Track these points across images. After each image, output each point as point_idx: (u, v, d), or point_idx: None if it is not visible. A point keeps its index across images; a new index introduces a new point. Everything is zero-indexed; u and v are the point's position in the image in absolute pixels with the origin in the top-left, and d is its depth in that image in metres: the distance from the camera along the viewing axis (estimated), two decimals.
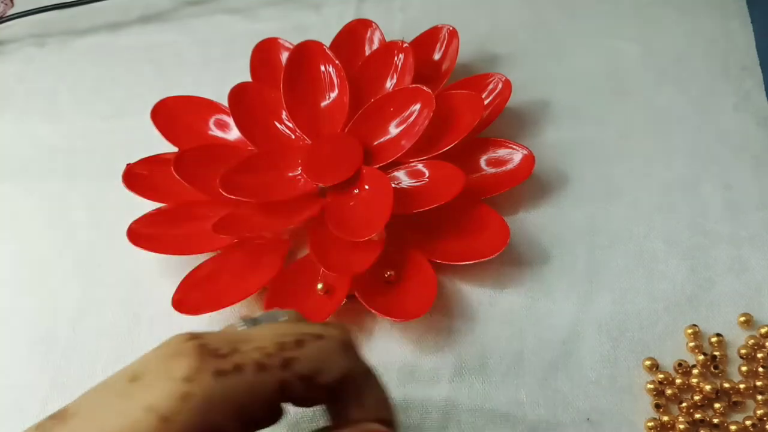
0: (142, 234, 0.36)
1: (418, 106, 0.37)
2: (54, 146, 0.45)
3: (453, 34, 0.42)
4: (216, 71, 0.47)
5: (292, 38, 0.43)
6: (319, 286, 0.33)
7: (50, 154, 0.44)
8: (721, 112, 0.39)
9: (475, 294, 0.34)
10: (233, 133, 0.40)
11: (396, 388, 0.32)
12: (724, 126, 0.39)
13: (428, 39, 0.42)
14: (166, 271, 0.36)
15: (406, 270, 0.34)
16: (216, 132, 0.41)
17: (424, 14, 0.48)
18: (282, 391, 0.20)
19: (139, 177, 0.38)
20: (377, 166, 0.37)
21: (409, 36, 0.42)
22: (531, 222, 0.36)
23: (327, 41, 0.42)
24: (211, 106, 0.41)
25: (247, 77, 0.42)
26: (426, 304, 0.32)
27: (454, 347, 0.33)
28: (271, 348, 0.20)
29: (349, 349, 0.22)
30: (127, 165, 0.38)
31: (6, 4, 0.53)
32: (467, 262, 0.34)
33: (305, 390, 0.20)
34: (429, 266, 0.34)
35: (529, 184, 0.37)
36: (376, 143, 0.38)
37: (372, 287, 0.33)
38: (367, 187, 0.36)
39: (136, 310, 0.36)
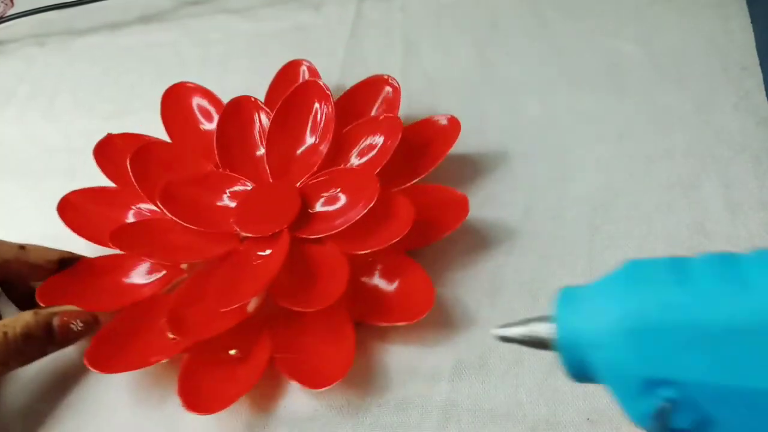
0: (52, 293, 0.34)
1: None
2: (54, 146, 0.45)
3: (397, 91, 0.39)
4: (216, 71, 0.47)
5: (292, 38, 0.43)
6: (232, 352, 0.32)
7: (50, 154, 0.44)
8: (721, 111, 0.39)
9: (474, 294, 0.34)
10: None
11: (396, 388, 0.32)
12: (724, 125, 0.39)
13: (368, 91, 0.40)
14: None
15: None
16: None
17: (425, 14, 0.48)
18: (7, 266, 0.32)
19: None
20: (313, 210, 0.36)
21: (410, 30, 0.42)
22: (530, 222, 0.36)
23: (327, 41, 0.42)
24: None
25: (246, 77, 0.42)
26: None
27: (454, 347, 0.33)
28: None
29: (1, 244, 0.33)
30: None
31: (6, 4, 0.53)
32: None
33: None
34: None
35: (527, 184, 0.37)
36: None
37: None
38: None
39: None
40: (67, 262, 0.35)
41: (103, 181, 0.42)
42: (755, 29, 0.42)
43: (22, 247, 0.34)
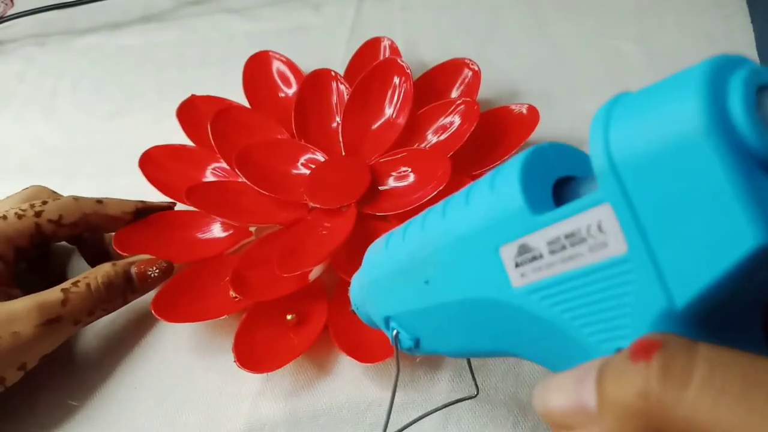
0: (126, 242, 0.35)
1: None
2: (54, 146, 0.45)
3: (477, 75, 0.40)
4: (216, 71, 0.47)
5: (292, 38, 0.43)
6: (289, 317, 0.33)
7: (50, 153, 0.44)
8: None
9: None
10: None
11: (397, 389, 0.32)
12: None
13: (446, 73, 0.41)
14: None
15: None
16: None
17: (425, 14, 0.48)
18: (38, 229, 0.32)
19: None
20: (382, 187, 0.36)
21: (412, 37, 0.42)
22: None
23: (326, 41, 0.42)
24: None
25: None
26: None
27: None
28: (26, 206, 0.33)
29: (80, 200, 0.34)
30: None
31: (6, 4, 0.53)
32: None
33: (55, 228, 0.33)
34: None
35: None
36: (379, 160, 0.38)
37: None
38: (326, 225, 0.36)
39: (135, 304, 0.36)
40: (143, 211, 0.36)
41: (104, 180, 0.42)
42: (755, 29, 0.42)
43: (99, 201, 0.35)
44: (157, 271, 0.33)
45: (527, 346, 0.19)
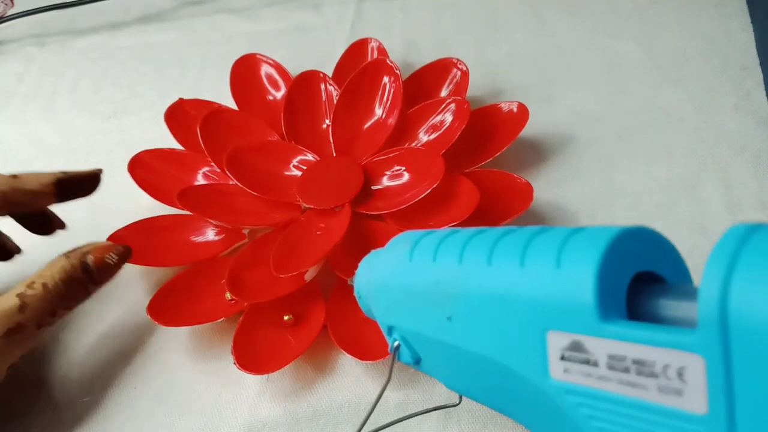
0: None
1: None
2: (54, 146, 0.45)
3: (465, 75, 0.40)
4: (216, 71, 0.47)
5: (292, 38, 0.43)
6: (286, 317, 0.33)
7: (50, 154, 0.44)
8: (721, 111, 0.39)
9: None
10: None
11: (396, 389, 0.32)
12: (724, 126, 0.39)
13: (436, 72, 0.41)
14: (159, 272, 0.37)
15: None
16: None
17: (424, 14, 0.48)
18: (4, 198, 0.32)
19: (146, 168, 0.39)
20: (374, 186, 0.36)
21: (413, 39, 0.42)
22: (531, 222, 0.36)
23: (326, 41, 0.42)
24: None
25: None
26: None
27: None
28: None
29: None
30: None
31: (6, 4, 0.53)
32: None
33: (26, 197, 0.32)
34: None
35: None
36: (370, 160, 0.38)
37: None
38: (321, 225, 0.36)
39: (132, 308, 0.36)
40: (65, 182, 0.33)
41: (103, 180, 0.42)
42: (755, 29, 0.42)
43: (14, 176, 0.32)
44: (115, 257, 0.31)
45: (535, 423, 0.18)
